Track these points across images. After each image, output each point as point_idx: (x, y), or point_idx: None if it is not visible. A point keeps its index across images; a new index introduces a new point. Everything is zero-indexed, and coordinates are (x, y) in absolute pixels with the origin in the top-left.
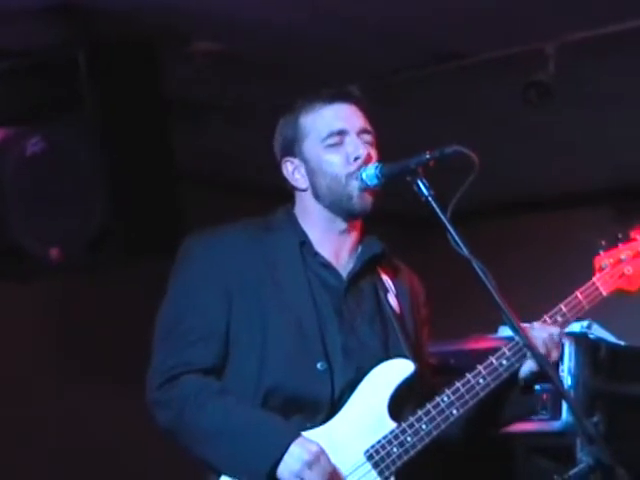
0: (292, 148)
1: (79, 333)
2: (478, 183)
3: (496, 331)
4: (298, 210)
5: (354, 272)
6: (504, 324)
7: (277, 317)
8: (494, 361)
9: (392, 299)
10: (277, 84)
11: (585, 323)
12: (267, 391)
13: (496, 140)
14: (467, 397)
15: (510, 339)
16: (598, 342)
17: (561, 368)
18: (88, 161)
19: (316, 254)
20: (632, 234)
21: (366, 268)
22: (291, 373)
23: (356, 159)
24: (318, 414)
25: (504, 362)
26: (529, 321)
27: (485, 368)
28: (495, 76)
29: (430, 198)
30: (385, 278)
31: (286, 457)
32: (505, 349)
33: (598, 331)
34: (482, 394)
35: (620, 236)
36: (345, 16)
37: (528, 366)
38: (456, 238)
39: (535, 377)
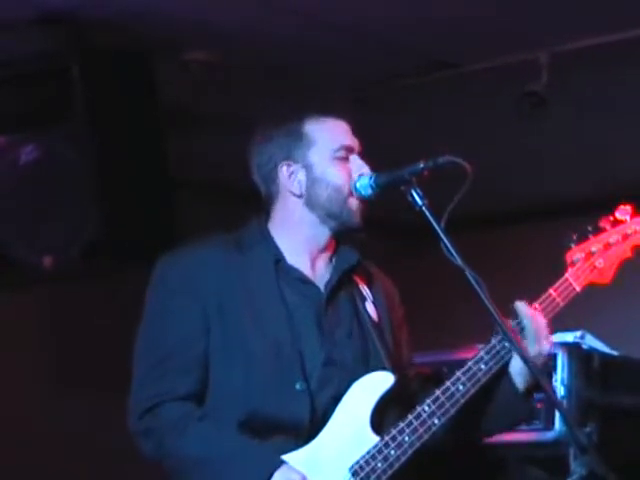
0: (292, 154)
1: (72, 341)
2: (471, 193)
3: (489, 341)
4: (277, 218)
5: (332, 284)
6: (498, 333)
7: (255, 340)
8: (472, 366)
9: (370, 307)
10: (274, 92)
11: (578, 333)
12: (248, 414)
13: (489, 149)
14: (448, 405)
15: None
16: (591, 352)
17: (554, 378)
18: (82, 170)
19: (290, 270)
20: (602, 224)
21: (343, 278)
22: (270, 396)
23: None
24: (299, 435)
25: (482, 367)
26: None
27: (464, 374)
28: (489, 86)
29: (424, 208)
30: (361, 286)
31: None
32: (482, 353)
33: (591, 341)
34: (462, 401)
35: (590, 228)
36: (341, 24)
37: (521, 372)
38: (450, 247)
39: (533, 382)
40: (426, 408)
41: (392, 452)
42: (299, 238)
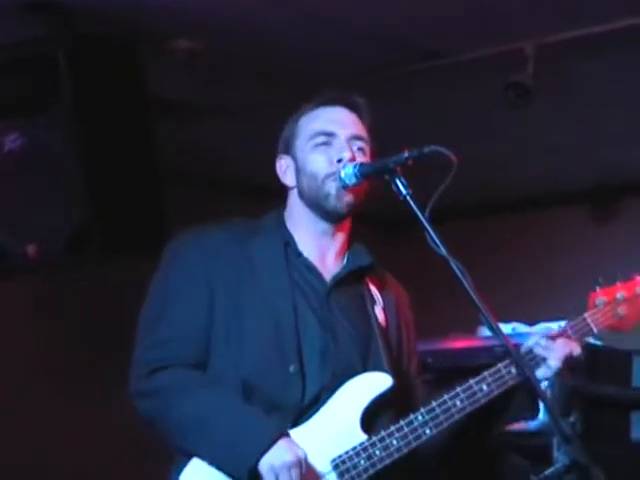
0: (287, 146)
1: (59, 333)
2: (456, 183)
3: (475, 331)
4: (287, 211)
5: (338, 278)
6: (483, 324)
7: (254, 318)
8: (473, 385)
9: (379, 311)
10: (260, 83)
11: (562, 323)
12: (241, 390)
13: (475, 139)
14: (442, 418)
15: (490, 339)
16: None
17: None
18: (67, 158)
19: (300, 255)
20: (632, 274)
21: (352, 276)
22: (264, 374)
23: (339, 161)
24: (288, 416)
25: (484, 387)
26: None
27: (463, 391)
28: (475, 76)
29: (408, 197)
30: (373, 289)
31: (273, 449)
32: (486, 374)
33: None
34: (457, 417)
35: (619, 274)
36: (327, 15)
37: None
38: (434, 237)
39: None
40: (419, 417)
41: (377, 452)
42: (304, 230)
